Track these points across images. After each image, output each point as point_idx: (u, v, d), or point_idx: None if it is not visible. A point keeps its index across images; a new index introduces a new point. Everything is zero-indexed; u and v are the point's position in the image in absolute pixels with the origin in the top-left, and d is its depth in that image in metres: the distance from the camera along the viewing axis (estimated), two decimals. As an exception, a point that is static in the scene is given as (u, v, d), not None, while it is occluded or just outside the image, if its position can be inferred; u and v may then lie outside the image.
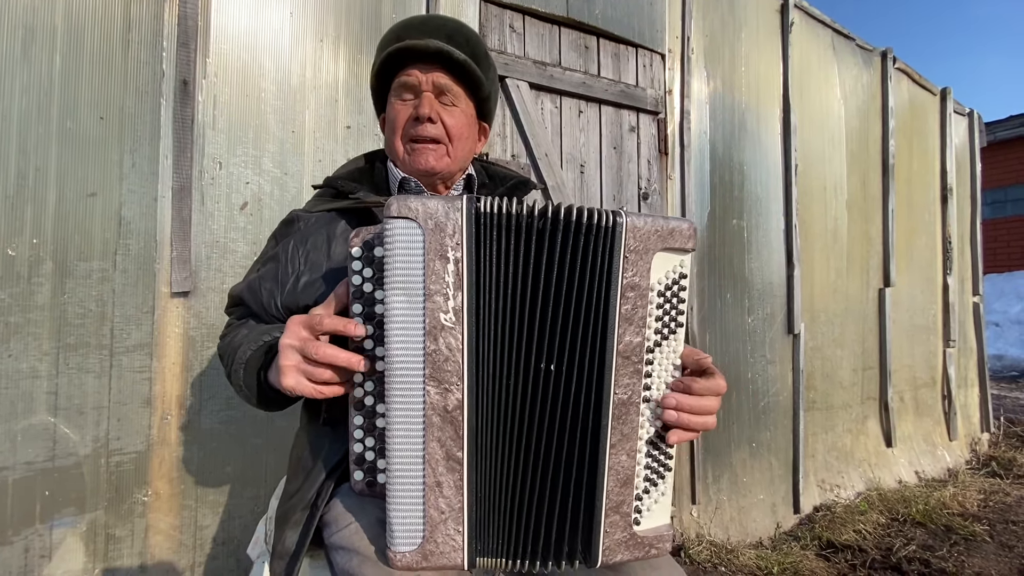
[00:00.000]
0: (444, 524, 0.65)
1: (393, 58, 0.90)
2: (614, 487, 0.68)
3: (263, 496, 1.45)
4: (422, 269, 0.64)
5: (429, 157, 0.91)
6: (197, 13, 1.42)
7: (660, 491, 0.71)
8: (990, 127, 10.42)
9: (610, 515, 0.68)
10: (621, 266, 0.65)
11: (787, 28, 2.76)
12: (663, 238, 0.66)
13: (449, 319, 0.64)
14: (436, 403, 0.65)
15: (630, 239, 0.65)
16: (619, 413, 0.67)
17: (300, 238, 0.91)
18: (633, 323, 0.66)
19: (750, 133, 2.63)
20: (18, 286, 1.24)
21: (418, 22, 0.95)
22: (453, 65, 0.90)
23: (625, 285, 0.66)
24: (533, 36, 2.01)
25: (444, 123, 0.91)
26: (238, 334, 0.86)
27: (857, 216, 3.09)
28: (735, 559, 2.12)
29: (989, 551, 2.29)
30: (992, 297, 8.45)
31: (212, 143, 1.44)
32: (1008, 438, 4.01)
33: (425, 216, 0.63)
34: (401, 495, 0.65)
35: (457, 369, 0.65)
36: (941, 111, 3.74)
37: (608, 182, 2.17)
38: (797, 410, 2.68)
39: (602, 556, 0.68)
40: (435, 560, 0.65)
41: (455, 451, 0.65)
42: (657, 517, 0.71)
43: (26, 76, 1.26)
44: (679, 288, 0.69)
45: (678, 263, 0.68)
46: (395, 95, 0.93)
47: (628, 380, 0.67)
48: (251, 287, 0.91)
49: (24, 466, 1.23)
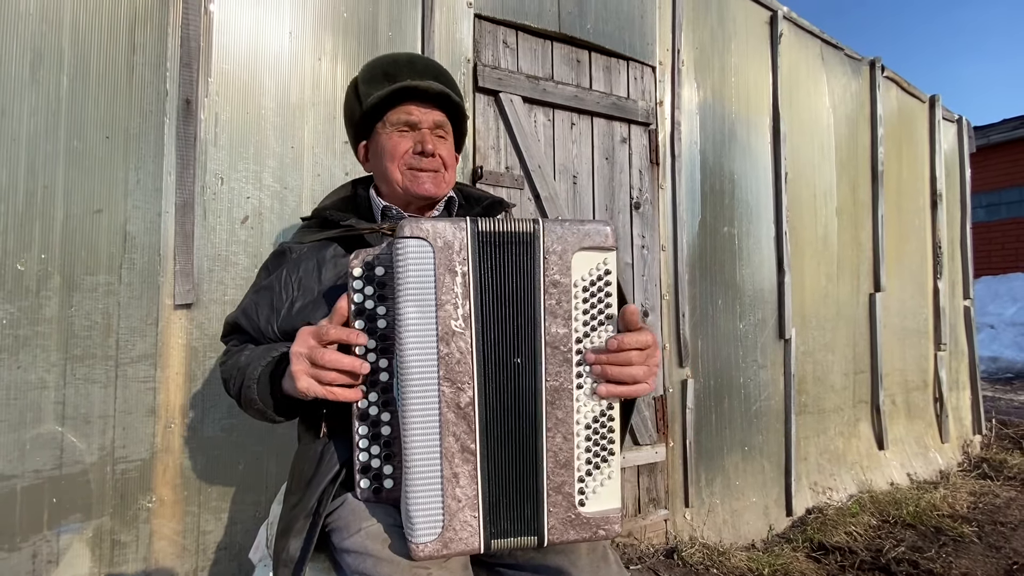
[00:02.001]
0: (461, 512, 0.72)
1: (394, 95, 0.99)
2: (553, 468, 0.74)
3: (264, 502, 1.49)
4: (433, 282, 0.71)
5: (429, 184, 1.01)
6: (199, 35, 1.47)
7: (605, 475, 0.76)
8: (984, 131, 10.51)
9: (552, 495, 0.74)
10: (543, 266, 0.73)
11: (776, 39, 2.82)
12: (580, 239, 0.74)
13: (459, 325, 0.72)
14: (451, 401, 0.72)
15: (548, 241, 0.74)
16: (552, 399, 0.74)
17: (292, 267, 0.98)
18: (558, 316, 0.74)
19: (740, 142, 2.69)
20: (27, 300, 1.28)
21: (405, 61, 1.04)
22: (448, 105, 1.03)
23: (548, 282, 0.74)
24: (526, 51, 2.06)
25: (440, 155, 1.01)
26: (241, 356, 0.92)
27: (847, 222, 3.15)
28: (727, 561, 2.16)
29: (977, 552, 2.33)
30: (987, 299, 8.51)
31: (214, 159, 1.48)
32: (1000, 440, 4.05)
33: (435, 236, 0.71)
34: (420, 489, 0.71)
35: (468, 369, 0.72)
36: (930, 118, 3.81)
37: (600, 192, 2.22)
38: (789, 414, 2.73)
39: (548, 534, 0.74)
40: (455, 547, 0.72)
41: (469, 443, 0.72)
42: (605, 500, 0.76)
43: (35, 98, 1.30)
44: (605, 283, 0.76)
45: (601, 260, 0.75)
46: (392, 128, 1.01)
47: (558, 368, 0.74)
48: (247, 313, 0.98)
49: (32, 474, 1.28)
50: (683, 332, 2.36)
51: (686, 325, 2.37)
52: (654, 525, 2.24)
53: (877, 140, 3.30)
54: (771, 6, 2.82)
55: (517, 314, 0.74)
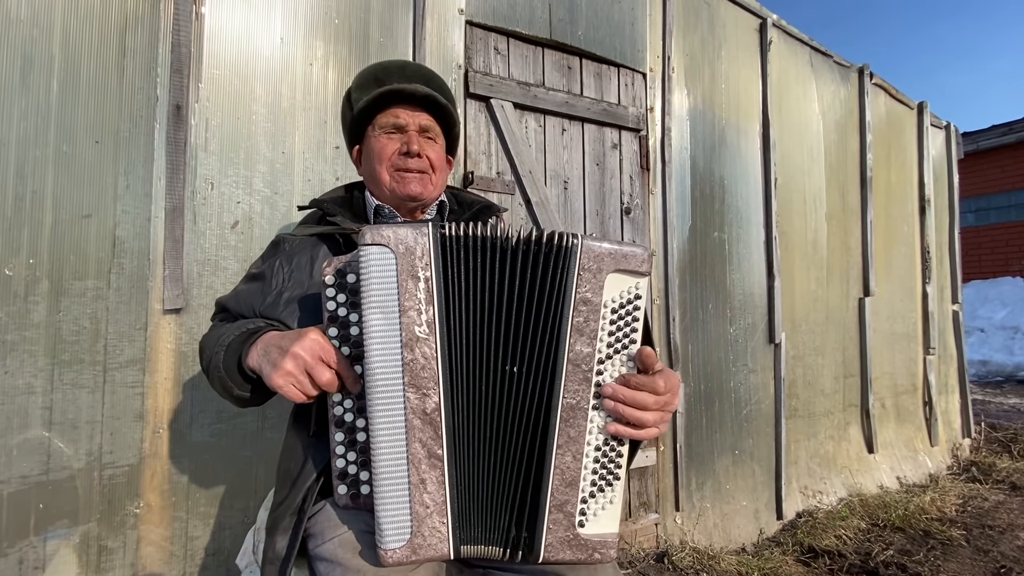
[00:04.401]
0: (430, 518, 0.71)
1: (382, 99, 1.00)
2: (559, 486, 0.73)
3: (252, 507, 1.49)
4: (396, 288, 0.71)
5: (415, 184, 1.02)
6: (190, 41, 1.47)
7: (608, 498, 0.75)
8: (973, 136, 10.61)
9: (553, 512, 0.73)
10: (575, 282, 0.72)
11: (766, 46, 2.85)
12: (617, 260, 0.73)
13: (423, 331, 0.71)
14: (416, 407, 0.71)
15: (585, 259, 0.72)
16: (567, 416, 0.73)
17: (286, 257, 0.99)
18: (584, 334, 0.73)
19: (730, 148, 2.71)
20: (15, 305, 1.28)
21: (396, 67, 1.05)
22: (436, 108, 1.04)
23: (578, 299, 0.72)
24: (517, 57, 2.08)
25: (428, 156, 1.02)
26: (222, 328, 0.94)
27: (836, 228, 3.17)
28: (717, 565, 2.17)
29: (965, 555, 2.35)
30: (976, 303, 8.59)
31: (204, 165, 1.49)
32: (989, 443, 4.08)
33: (396, 242, 0.71)
34: (388, 496, 0.71)
35: (433, 375, 0.71)
36: (918, 124, 3.85)
37: (591, 198, 2.23)
38: (779, 418, 2.74)
39: (544, 552, 0.73)
40: (424, 552, 0.71)
41: (436, 449, 0.72)
42: (604, 524, 0.75)
43: (24, 103, 1.30)
44: (633, 308, 0.75)
45: (633, 285, 0.74)
46: (380, 131, 1.03)
47: (577, 386, 0.73)
48: (237, 297, 1.00)
49: (19, 479, 1.27)
50: (673, 336, 2.37)
51: (676, 329, 2.38)
52: (644, 529, 2.25)
53: (866, 146, 3.33)
54: (760, 14, 2.85)
55: (516, 322, 0.73)
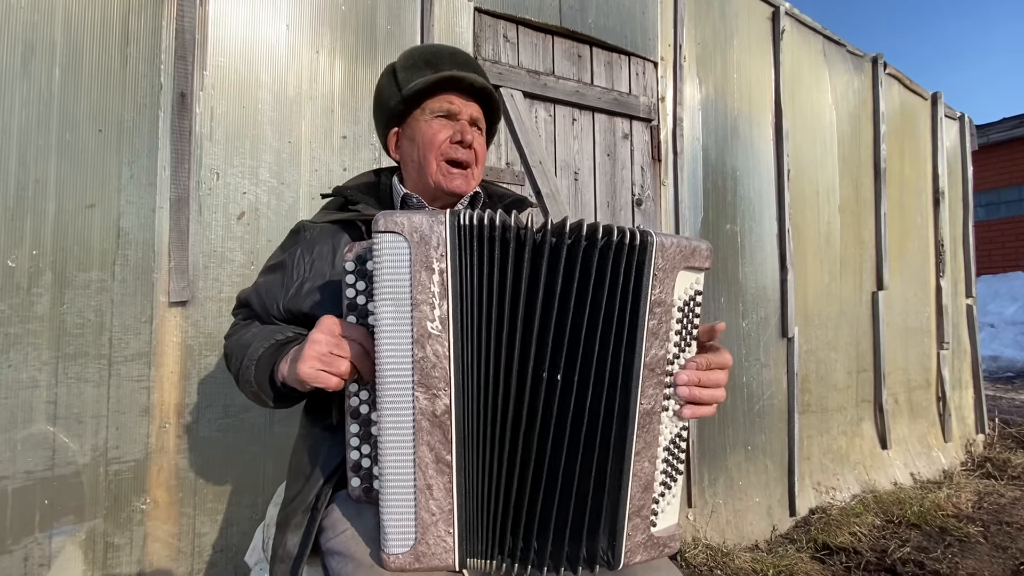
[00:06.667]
0: (435, 526, 0.67)
1: (436, 84, 0.97)
2: (636, 492, 0.70)
3: (261, 503, 1.46)
4: (409, 280, 0.66)
5: (460, 181, 0.99)
6: (195, 27, 1.44)
7: (673, 492, 0.74)
8: (984, 129, 10.50)
9: (632, 519, 0.70)
10: (650, 283, 0.67)
11: (778, 35, 2.79)
12: (686, 257, 0.69)
13: (435, 327, 0.66)
14: (425, 408, 0.67)
15: (659, 258, 0.68)
16: (644, 423, 0.69)
17: (307, 246, 0.95)
18: (659, 337, 0.69)
19: (743, 139, 2.66)
20: (17, 297, 1.25)
21: (447, 53, 1.02)
22: (487, 100, 1.02)
23: (653, 301, 0.68)
24: (527, 45, 2.04)
25: (475, 148, 1.00)
26: (246, 332, 0.91)
27: (850, 220, 3.12)
28: (731, 562, 2.13)
29: (983, 552, 2.31)
30: (987, 298, 8.50)
31: (209, 154, 1.46)
32: (1003, 439, 4.03)
33: (410, 230, 0.66)
34: (393, 498, 0.67)
35: (444, 375, 0.66)
36: (932, 115, 3.78)
37: (602, 189, 2.19)
38: (792, 413, 2.70)
39: (624, 558, 0.70)
40: (427, 561, 0.67)
41: (444, 454, 0.67)
42: (669, 517, 0.74)
43: (26, 90, 1.27)
44: (695, 304, 0.72)
45: (695, 280, 0.71)
46: (431, 115, 0.99)
47: (652, 391, 0.69)
48: (258, 291, 0.97)
49: (24, 475, 1.25)
50: (686, 330, 2.33)
51: (689, 323, 2.34)
52: (657, 526, 2.21)
53: (880, 137, 3.27)
54: (773, 2, 2.80)
55: (565, 326, 0.67)
